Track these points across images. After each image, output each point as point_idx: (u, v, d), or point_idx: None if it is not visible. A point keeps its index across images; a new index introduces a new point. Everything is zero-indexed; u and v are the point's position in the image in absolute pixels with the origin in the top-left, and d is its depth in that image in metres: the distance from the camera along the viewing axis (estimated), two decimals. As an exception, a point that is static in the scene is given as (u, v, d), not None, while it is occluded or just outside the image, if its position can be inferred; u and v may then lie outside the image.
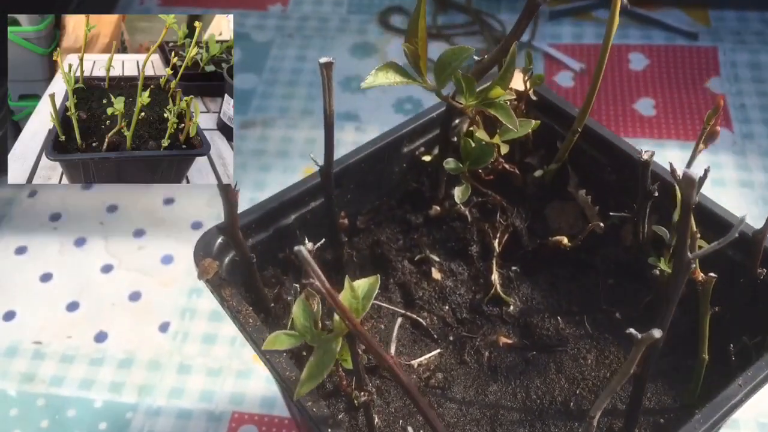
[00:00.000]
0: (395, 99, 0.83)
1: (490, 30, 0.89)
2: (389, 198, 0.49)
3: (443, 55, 0.40)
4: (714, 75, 0.83)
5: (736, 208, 0.72)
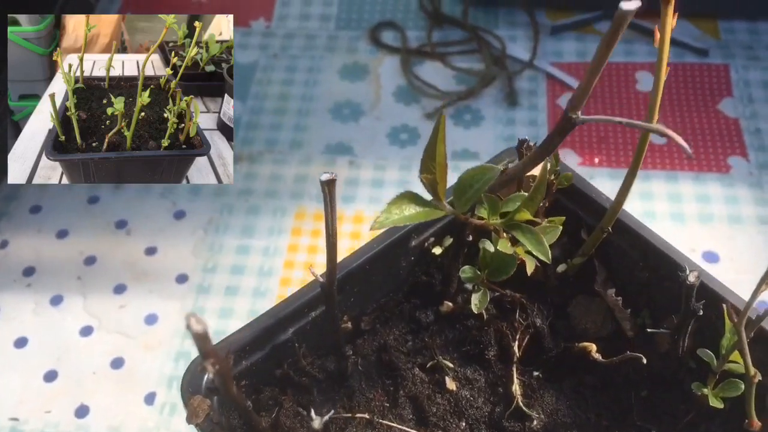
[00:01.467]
0: (390, 128, 0.77)
1: (488, 48, 0.82)
2: (396, 293, 0.44)
3: (464, 175, 0.34)
4: (726, 95, 0.78)
5: (755, 248, 0.67)
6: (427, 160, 0.32)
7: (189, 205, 0.71)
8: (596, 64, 0.29)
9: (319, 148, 0.75)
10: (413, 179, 0.73)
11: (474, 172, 0.33)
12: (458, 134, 0.76)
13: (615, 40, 0.28)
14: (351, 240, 0.69)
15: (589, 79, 0.29)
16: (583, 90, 0.30)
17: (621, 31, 0.28)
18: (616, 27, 0.28)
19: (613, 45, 0.28)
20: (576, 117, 0.30)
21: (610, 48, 0.29)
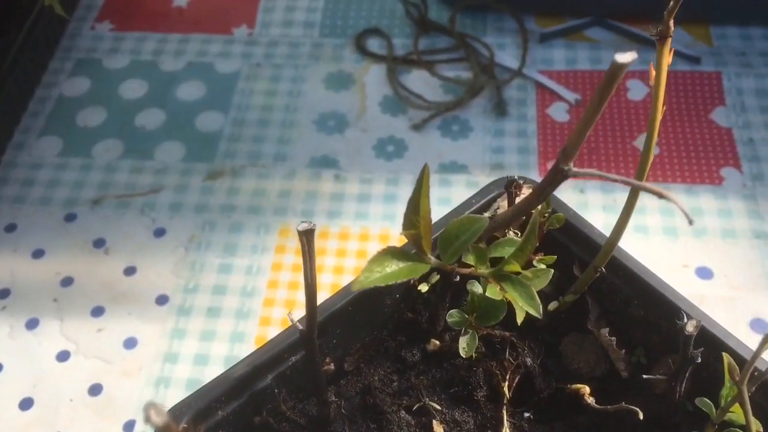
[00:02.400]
0: (376, 140, 0.74)
1: (476, 55, 0.80)
2: (381, 331, 0.42)
3: (450, 226, 0.31)
4: (719, 104, 0.76)
5: (749, 263, 0.65)
6: (410, 214, 0.30)
7: (169, 222, 0.69)
8: (589, 117, 0.27)
9: (304, 162, 0.73)
10: (400, 193, 0.71)
11: (460, 223, 0.31)
12: (446, 146, 0.74)
13: (609, 93, 0.26)
14: (337, 258, 0.66)
15: (582, 130, 0.27)
16: (575, 142, 0.28)
17: (615, 83, 0.26)
18: (610, 80, 0.25)
19: (606, 98, 0.26)
20: (568, 169, 0.28)
21: (604, 101, 0.26)
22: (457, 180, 0.71)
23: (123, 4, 0.87)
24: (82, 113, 0.77)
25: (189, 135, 0.75)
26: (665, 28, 0.33)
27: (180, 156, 0.73)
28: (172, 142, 0.75)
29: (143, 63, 0.81)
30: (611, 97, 0.32)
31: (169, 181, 0.72)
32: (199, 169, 0.72)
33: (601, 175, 0.28)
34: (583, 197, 0.70)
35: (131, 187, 0.71)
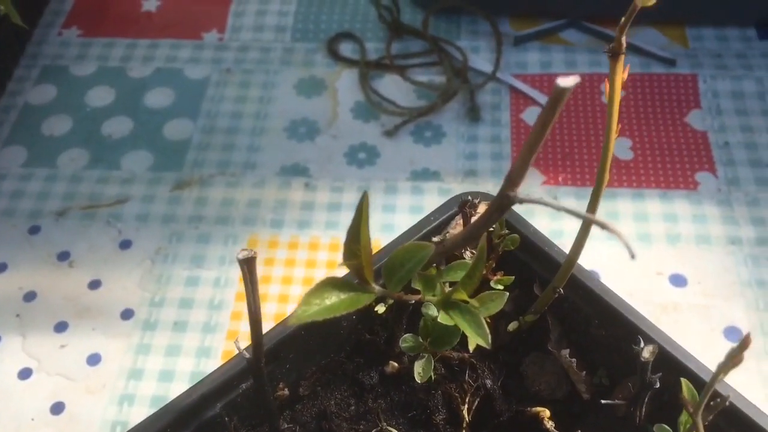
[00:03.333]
0: (347, 147, 0.73)
1: (450, 59, 0.78)
2: (338, 353, 0.40)
3: (395, 254, 0.30)
4: (694, 107, 0.74)
5: (723, 270, 0.64)
6: (350, 243, 0.28)
7: (136, 233, 0.67)
8: (533, 142, 0.25)
9: (274, 170, 0.71)
10: (371, 202, 0.69)
11: (406, 251, 0.29)
12: (419, 152, 0.72)
13: (552, 118, 0.25)
14: (306, 269, 0.65)
15: (527, 156, 0.26)
16: (520, 168, 0.26)
17: (559, 108, 0.24)
18: (553, 104, 0.24)
19: (550, 122, 0.25)
20: (514, 195, 0.27)
21: (547, 126, 0.25)
22: (429, 188, 0.70)
23: (91, 9, 0.85)
24: (48, 122, 0.75)
25: (157, 143, 0.73)
26: (617, 45, 0.31)
27: (147, 165, 0.72)
28: (139, 151, 0.73)
29: (111, 69, 0.79)
30: (587, 101, 0.31)
31: (136, 192, 0.70)
32: (167, 179, 0.71)
33: (547, 203, 0.26)
34: (557, 203, 0.68)
35: (97, 197, 0.70)
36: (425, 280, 0.30)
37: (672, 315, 0.61)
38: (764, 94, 0.75)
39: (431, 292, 0.30)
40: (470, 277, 0.29)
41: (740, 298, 0.62)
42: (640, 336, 0.33)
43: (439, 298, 0.30)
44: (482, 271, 0.29)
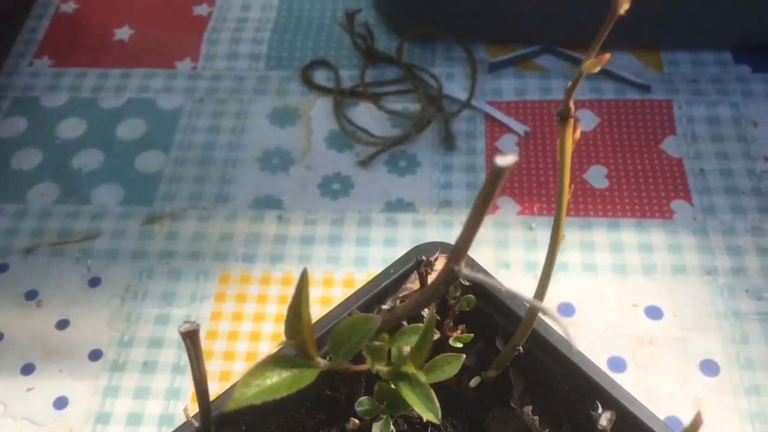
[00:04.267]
0: (321, 177, 0.72)
1: (424, 87, 0.77)
2: (298, 410, 0.39)
3: (341, 327, 0.29)
4: (670, 134, 0.74)
5: (699, 301, 0.63)
6: (291, 320, 0.27)
7: (105, 270, 0.66)
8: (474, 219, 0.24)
9: (247, 202, 0.70)
10: (345, 234, 0.68)
11: (352, 323, 0.28)
12: (393, 183, 0.71)
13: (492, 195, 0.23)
14: (278, 305, 0.64)
15: (469, 232, 0.25)
16: (463, 242, 0.25)
17: (498, 186, 0.23)
18: (493, 183, 0.23)
19: (490, 200, 0.24)
20: (458, 270, 0.26)
21: (487, 204, 0.24)
22: (403, 219, 0.69)
23: (63, 39, 0.84)
24: (17, 155, 0.74)
25: (128, 176, 0.72)
26: (565, 109, 0.30)
27: (118, 199, 0.70)
28: (110, 184, 0.72)
29: (82, 100, 0.78)
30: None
31: (106, 227, 0.68)
32: (138, 213, 0.69)
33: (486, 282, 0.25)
34: (531, 234, 0.67)
35: (66, 233, 0.68)
36: (373, 351, 0.29)
37: (648, 348, 0.60)
38: (740, 119, 0.74)
39: (380, 363, 0.29)
40: (419, 349, 0.28)
41: (716, 330, 0.61)
42: (600, 399, 0.32)
43: (388, 370, 0.29)
44: (431, 342, 0.28)
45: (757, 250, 0.65)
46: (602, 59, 0.28)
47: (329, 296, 0.64)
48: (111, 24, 0.84)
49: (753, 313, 0.61)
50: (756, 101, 0.75)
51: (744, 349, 0.59)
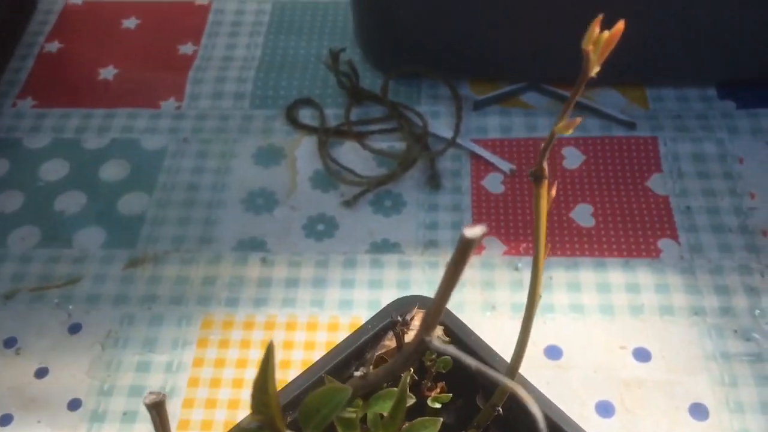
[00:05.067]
0: (306, 218, 0.71)
1: (409, 125, 0.77)
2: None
3: (310, 399, 0.27)
4: (655, 171, 0.73)
5: (688, 342, 0.62)
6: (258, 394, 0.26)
7: (86, 316, 0.65)
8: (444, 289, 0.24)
9: (231, 244, 0.69)
10: (329, 276, 0.67)
11: (322, 395, 0.27)
12: (378, 223, 0.70)
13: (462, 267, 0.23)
14: (262, 350, 0.62)
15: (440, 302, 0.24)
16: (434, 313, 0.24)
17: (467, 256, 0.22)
18: (462, 254, 0.22)
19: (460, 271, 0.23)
20: (429, 341, 0.25)
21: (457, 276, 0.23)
22: (389, 260, 0.68)
23: (47, 79, 0.83)
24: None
25: (111, 219, 0.71)
26: (539, 170, 0.30)
27: (100, 242, 0.69)
28: (92, 227, 0.71)
29: (66, 141, 0.77)
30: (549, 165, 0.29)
31: (88, 271, 0.67)
32: (120, 256, 0.68)
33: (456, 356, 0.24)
34: (518, 275, 0.67)
35: (47, 278, 0.67)
36: (345, 423, 0.28)
37: (636, 392, 0.59)
38: (725, 155, 0.74)
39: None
40: (393, 418, 0.27)
41: (705, 372, 0.60)
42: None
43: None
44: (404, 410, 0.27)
45: (745, 289, 0.65)
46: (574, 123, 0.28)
47: (313, 341, 0.63)
48: (95, 63, 0.84)
49: (742, 355, 0.61)
50: (741, 138, 0.75)
51: (733, 392, 0.58)
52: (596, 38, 0.24)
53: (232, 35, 0.87)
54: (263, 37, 0.86)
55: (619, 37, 0.25)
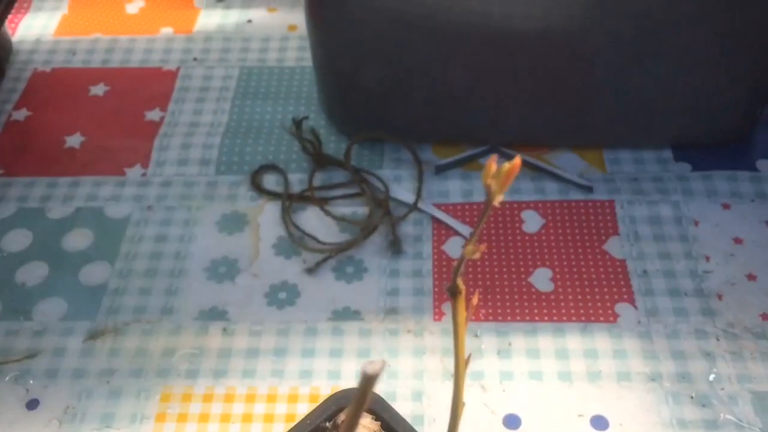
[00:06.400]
0: (268, 287, 0.71)
1: (372, 190, 0.78)
2: None
3: None
4: (613, 234, 0.74)
5: (644, 409, 0.63)
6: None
7: (44, 391, 0.64)
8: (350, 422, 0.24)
9: (192, 315, 0.69)
10: (290, 346, 0.67)
11: None
12: (340, 290, 0.71)
13: (365, 401, 0.23)
14: (221, 424, 0.62)
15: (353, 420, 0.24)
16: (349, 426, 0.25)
17: (369, 392, 0.23)
18: (364, 390, 0.23)
19: (362, 407, 0.23)
20: None
21: (360, 409, 0.23)
22: (350, 328, 0.68)
23: (13, 147, 0.83)
24: (-40, 271, 0.73)
25: (72, 290, 0.71)
26: (454, 286, 0.30)
27: (60, 314, 0.69)
28: (53, 298, 0.70)
29: (30, 211, 0.77)
30: (508, 229, 0.29)
31: (47, 344, 0.67)
32: (80, 329, 0.68)
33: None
34: (477, 342, 0.67)
35: (6, 353, 0.66)
36: None
37: (594, 462, 0.59)
38: (681, 218, 0.75)
39: None
40: None
41: (662, 440, 0.60)
42: None
43: None
44: None
45: (701, 353, 0.65)
46: (481, 248, 0.28)
47: (272, 413, 0.62)
48: (62, 131, 0.85)
49: (698, 421, 0.61)
50: (696, 200, 0.76)
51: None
52: (495, 173, 0.25)
53: (199, 101, 0.88)
54: (230, 103, 0.87)
55: (518, 170, 0.26)
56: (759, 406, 0.61)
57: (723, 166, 0.78)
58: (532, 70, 0.74)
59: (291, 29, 0.96)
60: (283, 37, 0.95)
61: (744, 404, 0.61)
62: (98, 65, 0.92)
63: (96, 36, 0.96)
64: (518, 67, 0.73)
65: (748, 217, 0.74)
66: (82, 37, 0.96)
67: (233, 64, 0.92)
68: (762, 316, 0.67)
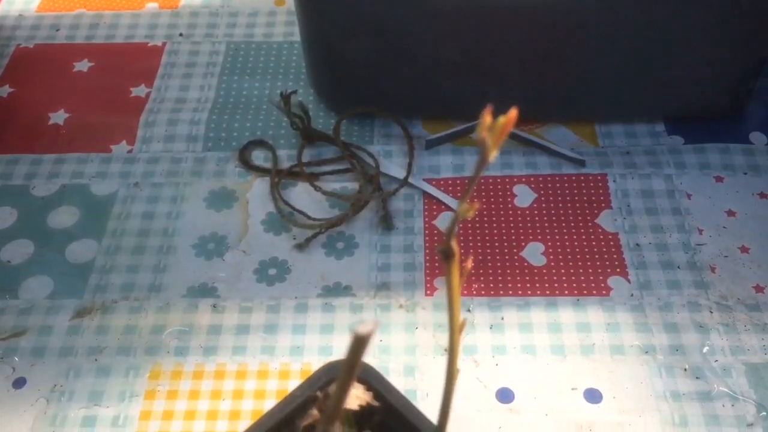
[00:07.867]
0: (258, 263, 0.70)
1: (362, 165, 0.76)
2: None
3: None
4: (605, 207, 0.73)
5: (637, 382, 0.62)
6: None
7: (31, 369, 0.63)
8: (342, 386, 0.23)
9: (180, 291, 0.68)
10: (281, 322, 0.66)
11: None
12: (330, 266, 0.70)
13: (357, 362, 0.22)
14: (211, 401, 0.61)
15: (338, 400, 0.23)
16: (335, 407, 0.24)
17: (362, 352, 0.22)
18: (356, 350, 0.22)
19: (354, 370, 0.22)
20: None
21: (352, 373, 0.22)
22: (340, 304, 0.67)
23: (-4, 124, 0.82)
24: (-56, 250, 0.71)
25: (58, 268, 0.69)
26: (447, 248, 0.29)
27: (47, 292, 0.68)
28: (39, 276, 0.69)
29: (14, 188, 0.76)
30: (500, 204, 0.28)
31: (33, 322, 0.66)
32: (67, 307, 0.67)
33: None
34: (470, 316, 0.66)
35: (-9, 331, 0.65)
36: None
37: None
38: (673, 191, 0.74)
39: None
40: None
41: (655, 412, 0.59)
42: None
43: None
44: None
45: (694, 326, 0.64)
46: (474, 206, 0.27)
47: (263, 389, 0.62)
48: (46, 107, 0.83)
49: (692, 393, 0.60)
50: (689, 173, 0.75)
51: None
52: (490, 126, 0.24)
53: (186, 77, 0.86)
54: (217, 78, 0.86)
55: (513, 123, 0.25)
56: (752, 378, 0.61)
57: (716, 139, 0.78)
58: (523, 43, 0.72)
59: (278, 4, 0.94)
60: (270, 11, 0.93)
61: (738, 376, 0.61)
62: (82, 41, 0.90)
63: (80, 11, 0.94)
64: (509, 40, 0.72)
65: (741, 189, 0.74)
66: (65, 13, 0.94)
67: (220, 40, 0.90)
68: (755, 288, 0.67)
